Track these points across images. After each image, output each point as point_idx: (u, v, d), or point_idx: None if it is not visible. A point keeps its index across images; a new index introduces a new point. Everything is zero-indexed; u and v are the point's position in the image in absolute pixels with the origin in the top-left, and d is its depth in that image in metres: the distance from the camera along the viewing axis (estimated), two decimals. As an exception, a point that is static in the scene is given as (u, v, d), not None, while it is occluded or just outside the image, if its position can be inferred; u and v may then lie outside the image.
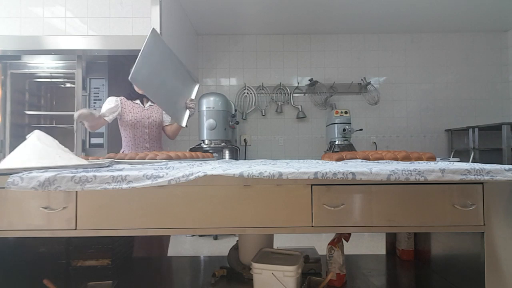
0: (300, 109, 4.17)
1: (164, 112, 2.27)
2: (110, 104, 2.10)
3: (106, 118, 2.06)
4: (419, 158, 1.49)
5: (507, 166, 1.12)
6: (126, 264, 1.77)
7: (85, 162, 1.28)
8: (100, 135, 2.99)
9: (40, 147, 1.19)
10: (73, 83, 2.97)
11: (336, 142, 3.57)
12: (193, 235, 3.46)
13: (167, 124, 2.29)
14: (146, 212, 1.12)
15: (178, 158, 1.57)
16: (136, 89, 2.13)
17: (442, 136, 4.21)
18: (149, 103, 2.21)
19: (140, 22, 2.60)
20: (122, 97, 2.17)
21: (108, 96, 3.00)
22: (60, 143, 1.31)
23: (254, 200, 1.14)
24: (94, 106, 3.02)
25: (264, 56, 4.25)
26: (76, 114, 1.86)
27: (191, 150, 3.44)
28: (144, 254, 2.11)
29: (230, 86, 4.23)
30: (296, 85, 4.20)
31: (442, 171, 1.09)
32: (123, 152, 2.14)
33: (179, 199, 1.13)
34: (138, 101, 2.18)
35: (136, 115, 2.14)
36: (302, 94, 4.24)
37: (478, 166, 1.13)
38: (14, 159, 1.14)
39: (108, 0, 2.60)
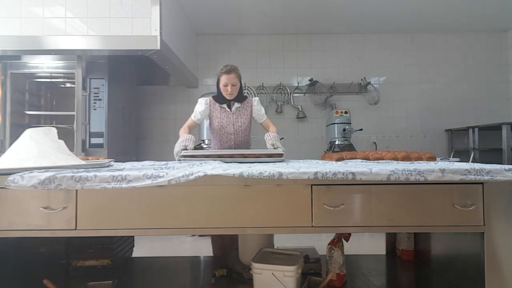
0: (300, 109, 4.16)
1: (255, 113, 2.22)
2: (201, 107, 2.10)
3: (195, 119, 2.08)
4: (419, 158, 1.49)
5: (507, 166, 1.12)
6: (126, 264, 1.77)
7: (79, 160, 1.28)
8: (100, 135, 2.98)
9: (34, 147, 1.19)
10: (73, 83, 2.97)
11: (336, 142, 3.57)
12: (193, 235, 3.45)
13: (262, 121, 2.26)
14: (146, 212, 1.12)
15: None
16: (223, 93, 2.07)
17: (442, 136, 4.21)
18: (235, 105, 2.15)
19: (140, 22, 2.60)
20: (211, 98, 2.14)
21: (109, 96, 3.03)
22: (60, 143, 1.31)
23: (254, 200, 1.14)
24: (94, 106, 3.02)
25: (264, 56, 4.25)
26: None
27: (191, 150, 3.43)
28: (221, 254, 2.09)
29: (230, 86, 4.22)
30: (296, 85, 4.20)
31: (442, 171, 1.09)
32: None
33: (179, 199, 1.13)
34: (224, 105, 2.14)
35: (222, 121, 2.12)
36: (302, 94, 4.23)
37: (478, 166, 1.13)
38: (11, 159, 1.14)
39: (108, 0, 2.60)
